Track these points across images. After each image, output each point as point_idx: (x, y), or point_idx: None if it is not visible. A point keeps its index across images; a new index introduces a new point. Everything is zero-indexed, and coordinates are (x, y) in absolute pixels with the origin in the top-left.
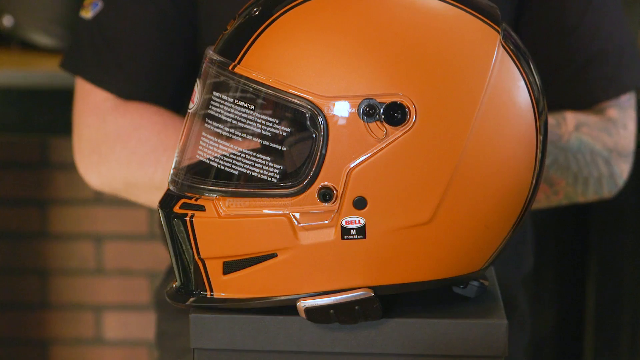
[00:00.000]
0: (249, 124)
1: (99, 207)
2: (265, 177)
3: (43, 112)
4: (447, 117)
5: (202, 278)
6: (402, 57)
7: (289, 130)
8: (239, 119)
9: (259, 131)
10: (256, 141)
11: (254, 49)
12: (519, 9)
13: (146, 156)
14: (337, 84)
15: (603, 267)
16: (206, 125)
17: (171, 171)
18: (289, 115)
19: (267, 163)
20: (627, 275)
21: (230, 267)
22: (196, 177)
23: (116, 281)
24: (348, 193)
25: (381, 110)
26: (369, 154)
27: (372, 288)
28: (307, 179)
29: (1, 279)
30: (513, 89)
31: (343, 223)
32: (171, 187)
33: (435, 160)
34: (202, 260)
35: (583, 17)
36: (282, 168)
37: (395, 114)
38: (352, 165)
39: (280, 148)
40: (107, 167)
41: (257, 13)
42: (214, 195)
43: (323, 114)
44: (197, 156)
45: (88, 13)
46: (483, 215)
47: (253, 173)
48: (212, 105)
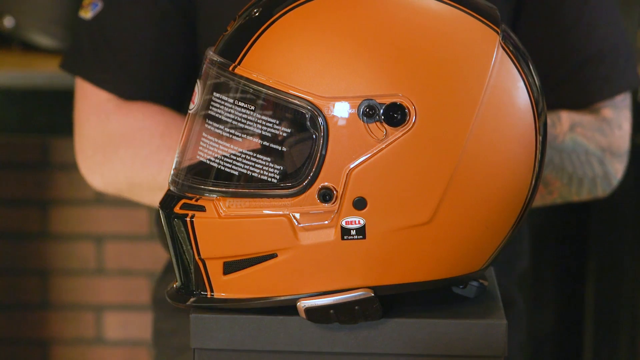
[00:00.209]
0: (249, 125)
1: (100, 208)
2: (265, 178)
3: (44, 113)
4: (447, 118)
5: (203, 278)
6: (402, 58)
7: (289, 130)
8: (239, 120)
9: (259, 132)
10: (256, 142)
11: (254, 50)
12: (517, 10)
13: (150, 156)
14: (337, 85)
15: (602, 266)
16: (206, 125)
17: (171, 172)
18: (289, 115)
19: (267, 163)
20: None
21: (230, 268)
22: (196, 178)
23: (116, 281)
24: (348, 193)
25: (381, 111)
26: (369, 155)
27: (372, 288)
28: (307, 180)
29: (2, 279)
30: (512, 90)
31: (343, 223)
32: (171, 188)
33: (435, 160)
34: (203, 260)
35: (579, 18)
36: (282, 168)
37: (395, 115)
38: (352, 165)
39: (280, 149)
40: (111, 168)
41: (257, 14)
42: (215, 195)
43: (323, 115)
44: (198, 157)
45: (88, 13)
46: (482, 215)
47: (253, 173)
48: (213, 106)
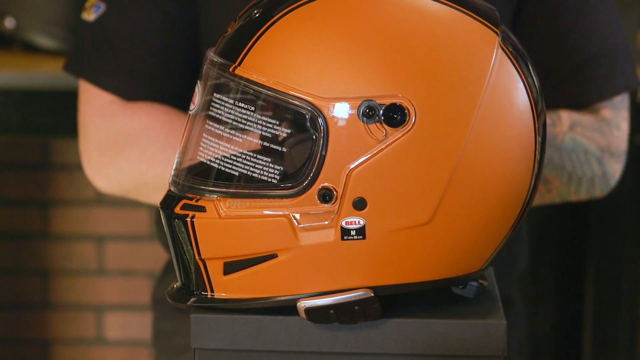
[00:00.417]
0: (249, 126)
1: (100, 208)
2: (265, 178)
3: (45, 114)
4: (447, 119)
5: (203, 278)
6: (402, 59)
7: (289, 131)
8: (240, 121)
9: (259, 132)
10: (256, 142)
11: (255, 51)
12: (517, 11)
13: (155, 155)
14: (337, 86)
15: (601, 266)
16: (207, 126)
17: (172, 172)
18: (289, 116)
19: (268, 164)
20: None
21: (230, 268)
22: (197, 178)
23: (117, 281)
24: (348, 194)
25: (381, 111)
26: (369, 155)
27: (372, 288)
28: (307, 180)
29: (3, 280)
30: (512, 91)
31: (343, 224)
32: (172, 188)
33: (434, 161)
34: (203, 260)
35: (578, 19)
36: (283, 169)
37: (394, 116)
38: (352, 166)
39: (280, 149)
40: (117, 169)
41: (258, 15)
42: (215, 196)
43: (323, 116)
44: (198, 157)
45: (90, 15)
46: (482, 216)
47: (253, 174)
48: (213, 106)
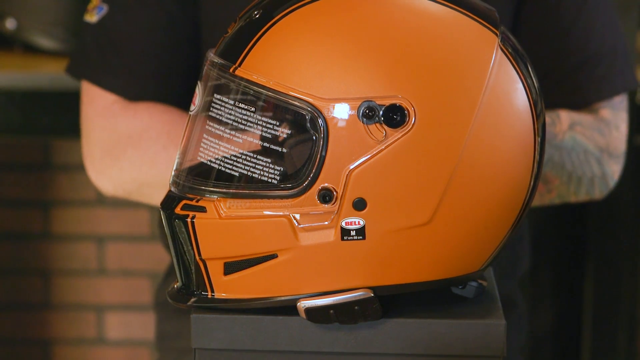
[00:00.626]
0: (250, 126)
1: (101, 209)
2: (265, 179)
3: (46, 114)
4: (446, 119)
5: (203, 278)
6: (402, 60)
7: (290, 132)
8: (240, 121)
9: (260, 133)
10: (257, 143)
11: (255, 52)
12: (517, 11)
13: (158, 155)
14: (337, 86)
15: (601, 267)
16: (207, 127)
17: (172, 172)
18: (289, 117)
19: (268, 165)
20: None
21: (231, 268)
22: (197, 179)
23: (118, 282)
24: (348, 194)
25: (380, 112)
26: (369, 156)
27: (372, 288)
28: (307, 181)
29: (4, 280)
30: (511, 91)
31: (343, 224)
32: (172, 189)
33: (434, 161)
34: (203, 261)
35: (577, 19)
36: (283, 170)
37: (394, 116)
38: (352, 166)
39: (280, 150)
40: (120, 169)
41: (258, 16)
42: (215, 196)
43: (323, 116)
44: (198, 158)
45: (93, 17)
46: (482, 216)
47: (254, 174)
48: (213, 107)
